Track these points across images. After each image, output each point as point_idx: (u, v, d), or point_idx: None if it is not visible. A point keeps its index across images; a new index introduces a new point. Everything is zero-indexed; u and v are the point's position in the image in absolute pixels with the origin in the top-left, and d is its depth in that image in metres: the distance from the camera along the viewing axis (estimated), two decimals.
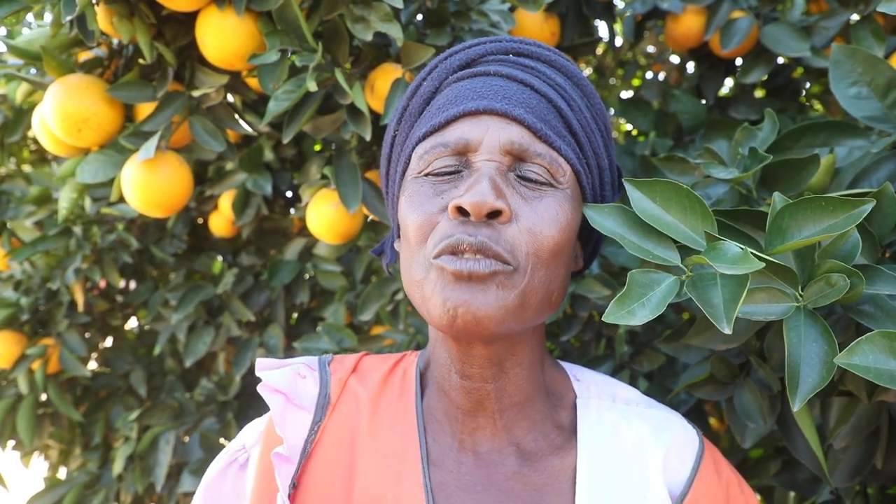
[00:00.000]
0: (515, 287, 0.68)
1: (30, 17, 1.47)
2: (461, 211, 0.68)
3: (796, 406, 0.66)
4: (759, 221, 0.78)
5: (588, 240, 0.84)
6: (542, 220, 0.70)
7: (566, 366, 0.87)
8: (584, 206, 0.77)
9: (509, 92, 0.73)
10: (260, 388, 0.79)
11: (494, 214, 0.68)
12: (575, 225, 0.74)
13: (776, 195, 0.73)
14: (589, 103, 0.80)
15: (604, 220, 0.75)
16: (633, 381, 1.31)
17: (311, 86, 1.02)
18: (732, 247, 0.66)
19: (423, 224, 0.71)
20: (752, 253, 0.65)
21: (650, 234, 0.73)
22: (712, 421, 1.57)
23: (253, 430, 0.84)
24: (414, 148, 0.76)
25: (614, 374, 1.31)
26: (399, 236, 0.82)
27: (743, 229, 0.79)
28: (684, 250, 0.72)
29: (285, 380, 0.80)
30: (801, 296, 0.70)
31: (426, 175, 0.74)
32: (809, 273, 0.72)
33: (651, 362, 1.27)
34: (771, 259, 0.68)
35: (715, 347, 0.84)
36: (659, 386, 1.29)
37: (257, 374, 0.81)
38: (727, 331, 0.62)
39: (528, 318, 0.71)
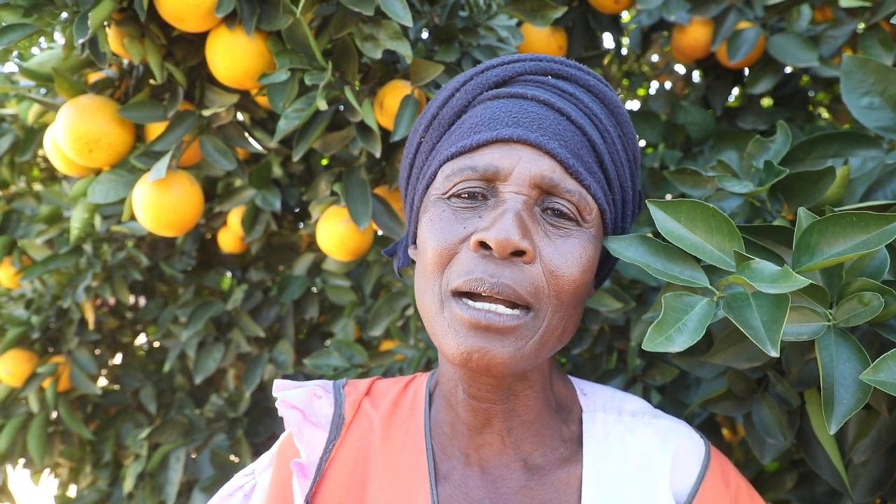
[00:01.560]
0: (534, 333, 0.68)
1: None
2: (484, 245, 0.67)
3: (832, 429, 0.64)
4: (781, 237, 0.77)
5: (601, 267, 0.84)
6: (565, 262, 0.68)
7: (574, 381, 0.87)
8: (605, 239, 0.76)
9: (546, 122, 0.71)
10: (278, 405, 0.81)
11: (518, 253, 0.67)
12: (595, 264, 0.73)
13: (801, 210, 0.71)
14: (622, 132, 0.78)
15: (625, 250, 0.74)
16: (645, 395, 1.30)
17: (322, 104, 1.02)
18: (769, 265, 0.64)
19: (442, 252, 0.70)
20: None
21: (674, 257, 0.72)
22: (725, 432, 1.56)
23: (263, 457, 0.85)
24: (441, 166, 0.74)
25: (627, 387, 1.30)
26: (414, 244, 0.82)
27: (765, 245, 0.78)
28: (710, 270, 0.70)
29: (302, 398, 0.82)
30: (831, 315, 0.68)
31: (450, 198, 0.72)
32: (839, 291, 0.70)
33: (664, 375, 1.26)
34: (806, 279, 0.65)
35: (737, 366, 0.83)
36: (672, 399, 1.28)
37: (274, 394, 0.83)
38: (774, 354, 0.60)
39: (543, 356, 0.71)
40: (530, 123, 0.70)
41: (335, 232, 1.27)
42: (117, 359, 2.02)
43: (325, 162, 1.67)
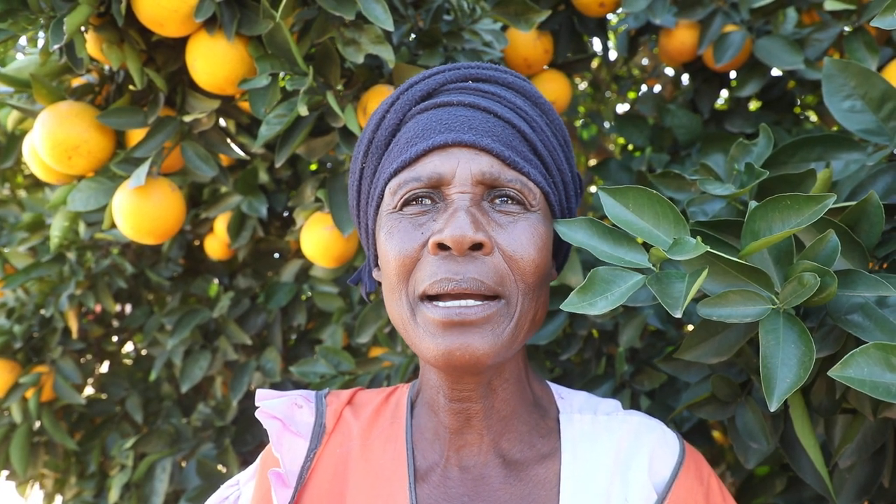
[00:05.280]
0: (509, 319, 0.71)
1: (23, 40, 1.46)
2: (442, 247, 0.70)
3: (773, 406, 0.66)
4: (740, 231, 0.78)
5: (557, 251, 0.87)
6: (521, 245, 0.72)
7: (551, 385, 0.90)
8: (554, 222, 0.79)
9: (475, 122, 0.75)
10: (258, 414, 0.82)
11: (476, 247, 0.70)
12: (550, 243, 0.77)
13: (751, 202, 0.74)
14: (548, 120, 0.82)
15: (575, 233, 0.78)
16: (634, 400, 1.29)
17: (303, 110, 1.01)
18: (690, 241, 0.69)
19: (404, 260, 0.72)
20: (706, 243, 0.69)
21: (621, 241, 0.76)
22: (716, 435, 1.55)
23: (248, 469, 0.86)
24: (387, 183, 0.77)
25: (615, 392, 1.29)
26: (377, 265, 0.85)
27: (727, 240, 0.80)
28: None
29: (282, 407, 0.83)
30: (777, 299, 0.71)
31: (402, 210, 0.75)
32: (786, 276, 0.73)
33: (652, 381, 1.26)
34: (741, 261, 0.70)
35: (707, 361, 0.84)
36: (661, 404, 1.28)
37: (257, 403, 0.84)
38: (677, 314, 0.65)
39: (520, 342, 0.74)
40: (461, 126, 0.75)
41: (319, 239, 1.26)
42: (104, 367, 2.00)
43: (313, 167, 1.66)
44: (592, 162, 2.35)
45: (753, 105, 1.81)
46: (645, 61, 2.36)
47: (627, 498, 0.75)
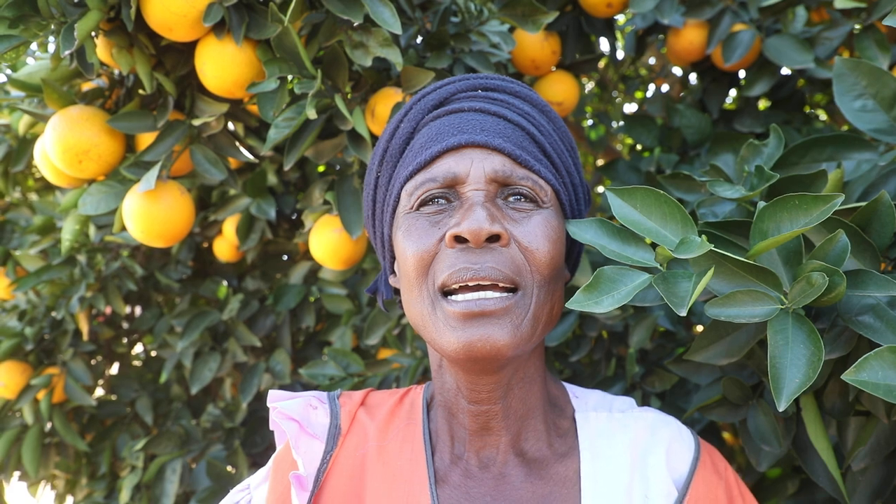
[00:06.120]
0: (527, 310, 0.72)
1: (34, 46, 1.47)
2: (459, 239, 0.71)
3: (782, 406, 0.66)
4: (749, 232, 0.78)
5: (569, 254, 0.88)
6: (535, 237, 0.74)
7: (566, 385, 0.91)
8: (566, 222, 0.81)
9: (486, 125, 0.78)
10: (275, 416, 0.82)
11: (493, 239, 0.72)
12: (563, 237, 0.78)
13: (760, 202, 0.75)
14: (555, 126, 0.84)
15: (585, 232, 0.79)
16: (645, 401, 1.29)
17: (311, 113, 1.01)
18: (696, 239, 0.70)
19: (422, 256, 0.74)
20: (710, 241, 0.69)
21: (629, 240, 0.77)
22: (727, 436, 1.54)
23: (259, 472, 0.86)
24: (403, 186, 0.79)
25: (626, 394, 1.29)
26: (393, 272, 0.86)
27: (737, 241, 0.80)
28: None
29: (298, 409, 0.83)
30: (786, 299, 0.71)
31: (418, 209, 0.77)
32: (794, 275, 0.73)
33: (663, 382, 1.25)
34: (748, 261, 0.70)
35: (717, 363, 0.84)
36: (672, 406, 1.27)
37: (269, 404, 0.84)
38: (682, 313, 0.66)
39: (538, 336, 0.75)
40: (473, 129, 0.77)
41: (328, 241, 1.26)
42: (114, 369, 2.01)
43: (321, 169, 1.66)
44: (600, 162, 2.35)
45: (763, 104, 1.80)
46: (653, 61, 2.34)
47: (648, 495, 0.75)
